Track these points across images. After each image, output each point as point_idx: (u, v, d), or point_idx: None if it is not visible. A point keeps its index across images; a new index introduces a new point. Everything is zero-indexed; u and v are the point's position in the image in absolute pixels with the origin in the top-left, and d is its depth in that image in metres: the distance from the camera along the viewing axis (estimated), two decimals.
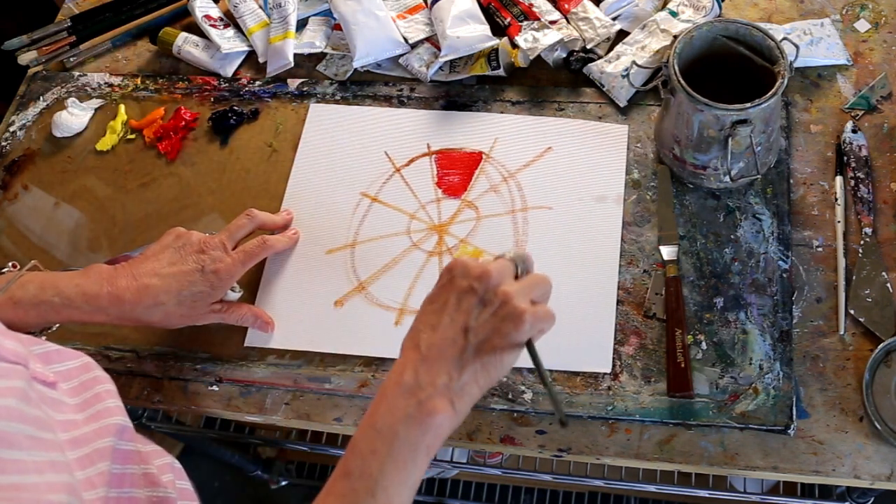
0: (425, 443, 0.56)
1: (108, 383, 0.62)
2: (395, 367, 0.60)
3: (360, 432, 0.58)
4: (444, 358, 0.58)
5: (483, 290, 0.59)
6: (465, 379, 0.58)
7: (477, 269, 0.60)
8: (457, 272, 0.61)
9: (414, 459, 0.56)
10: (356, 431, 0.58)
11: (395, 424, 0.56)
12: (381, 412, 0.57)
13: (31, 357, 0.54)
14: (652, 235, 0.83)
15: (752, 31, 0.77)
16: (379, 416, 0.57)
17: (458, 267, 0.61)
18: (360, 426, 0.58)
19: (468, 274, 0.60)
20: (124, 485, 0.57)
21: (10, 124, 1.01)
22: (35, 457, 0.46)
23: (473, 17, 0.94)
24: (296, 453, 1.48)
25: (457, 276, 0.61)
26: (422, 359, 0.58)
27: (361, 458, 0.56)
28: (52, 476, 0.47)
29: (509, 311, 0.59)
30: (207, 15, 1.02)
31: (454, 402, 0.57)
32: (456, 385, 0.57)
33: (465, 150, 0.91)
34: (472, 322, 0.59)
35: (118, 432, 0.58)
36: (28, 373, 0.52)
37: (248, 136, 0.96)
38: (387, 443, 0.56)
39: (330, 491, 0.56)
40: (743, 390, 0.74)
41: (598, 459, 0.74)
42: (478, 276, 0.60)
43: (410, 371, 0.58)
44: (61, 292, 0.72)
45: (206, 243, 0.77)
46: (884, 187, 0.83)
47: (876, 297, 0.76)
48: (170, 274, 0.75)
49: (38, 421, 0.49)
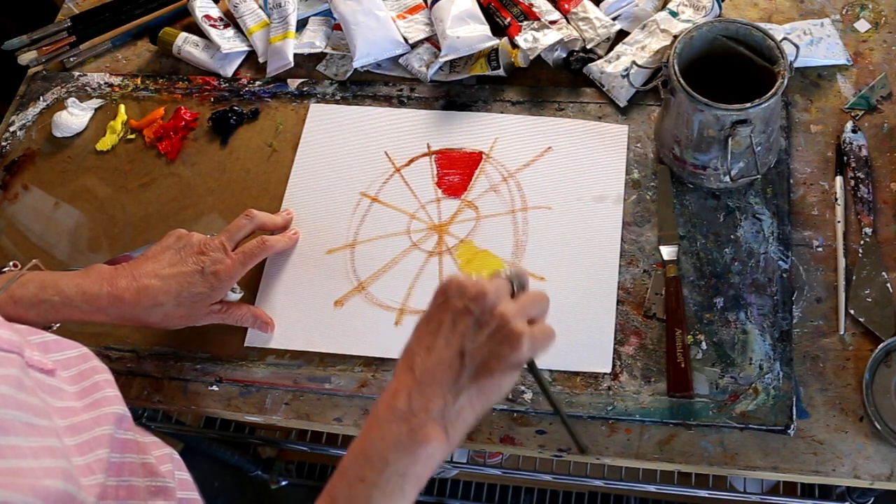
0: (415, 472, 0.55)
1: (107, 373, 0.63)
2: (388, 389, 0.58)
3: (350, 457, 0.56)
4: (438, 382, 0.56)
5: (479, 312, 0.57)
6: (461, 403, 0.56)
7: (472, 289, 0.58)
8: (452, 292, 0.58)
9: (402, 488, 0.54)
10: (345, 455, 0.57)
11: (386, 452, 0.55)
12: (372, 438, 0.56)
13: (27, 345, 0.54)
14: (652, 235, 0.83)
15: (752, 31, 0.77)
16: (370, 442, 0.56)
17: (453, 287, 0.58)
18: (349, 450, 0.57)
19: (463, 294, 0.58)
20: (123, 473, 0.57)
21: (10, 124, 1.01)
22: (31, 443, 0.46)
23: (473, 17, 0.94)
24: (296, 453, 1.48)
25: (452, 296, 0.58)
26: (416, 383, 0.56)
27: (349, 485, 0.55)
28: (49, 461, 0.47)
29: (507, 334, 0.56)
30: (207, 15, 1.02)
31: (448, 430, 0.55)
32: (451, 410, 0.56)
33: (465, 150, 0.91)
34: (469, 345, 0.57)
35: (117, 421, 0.58)
36: (23, 361, 0.52)
37: (248, 136, 0.96)
38: (376, 471, 0.54)
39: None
40: (743, 390, 0.74)
41: (598, 459, 0.74)
42: (473, 296, 0.57)
43: (404, 396, 0.56)
44: (61, 292, 0.72)
45: (207, 245, 0.77)
46: (884, 187, 0.83)
47: (876, 297, 0.76)
48: (170, 275, 0.75)
49: (34, 408, 0.49)
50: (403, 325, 0.81)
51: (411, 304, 0.82)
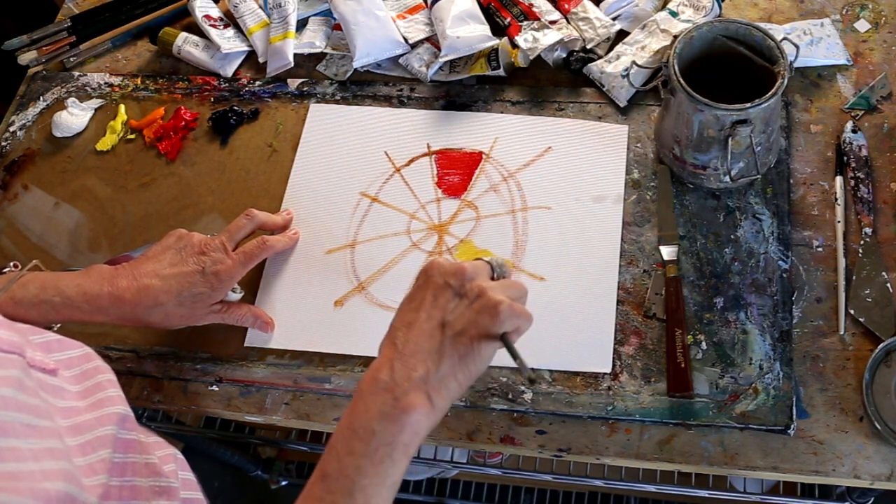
0: (402, 440, 0.56)
1: (109, 373, 0.63)
2: (371, 365, 0.60)
3: (337, 433, 0.58)
4: (420, 351, 0.58)
5: (458, 285, 0.61)
6: (444, 371, 0.58)
7: (452, 266, 0.62)
8: (433, 272, 0.62)
9: (391, 456, 0.56)
10: (334, 432, 0.58)
11: (371, 422, 0.56)
12: (358, 411, 0.57)
13: (28, 346, 0.54)
14: (652, 235, 0.83)
15: (752, 31, 0.77)
16: (355, 415, 0.57)
17: (434, 267, 0.62)
18: (337, 427, 0.58)
19: (444, 272, 0.61)
20: (126, 473, 0.57)
21: (10, 124, 1.01)
22: (32, 445, 0.46)
23: (473, 17, 0.94)
24: (296, 453, 1.48)
25: (433, 275, 0.62)
26: (398, 355, 0.58)
27: (338, 458, 0.56)
28: (50, 463, 0.47)
29: (485, 303, 0.59)
30: (207, 15, 1.02)
31: (431, 396, 0.57)
32: (433, 378, 0.58)
33: (465, 150, 0.91)
34: (449, 316, 0.60)
35: (120, 421, 0.58)
36: (24, 362, 0.52)
37: (248, 136, 0.96)
38: (363, 442, 0.56)
39: (308, 495, 0.56)
40: (743, 390, 0.74)
41: (598, 459, 0.74)
42: (453, 272, 0.61)
43: (386, 369, 0.58)
44: (62, 292, 0.72)
45: (207, 245, 0.77)
46: (884, 187, 0.83)
47: (876, 297, 0.76)
48: (170, 275, 0.75)
49: (35, 409, 0.49)
50: None
51: None
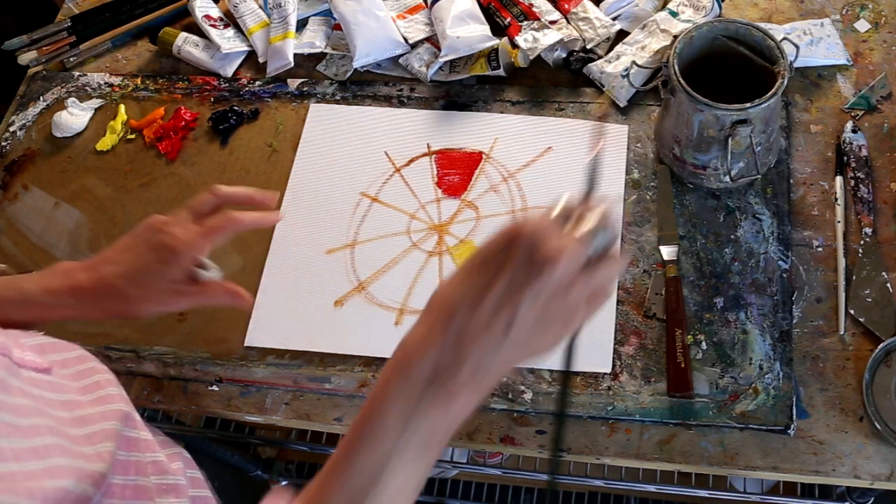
0: (444, 427, 0.50)
1: (108, 373, 0.62)
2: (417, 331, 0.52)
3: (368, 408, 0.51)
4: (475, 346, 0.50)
5: (542, 286, 0.50)
6: (491, 368, 0.51)
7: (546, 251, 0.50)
8: (523, 245, 0.50)
9: (429, 445, 0.50)
10: (363, 405, 0.52)
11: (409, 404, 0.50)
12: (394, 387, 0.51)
13: (17, 346, 0.54)
14: (652, 235, 0.83)
15: (752, 31, 0.77)
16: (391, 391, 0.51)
17: (526, 239, 0.51)
18: (369, 398, 0.52)
19: (533, 255, 0.50)
20: (129, 472, 0.57)
21: (10, 124, 1.01)
22: (14, 444, 0.46)
23: (473, 17, 0.94)
24: (296, 453, 1.48)
25: (521, 250, 0.50)
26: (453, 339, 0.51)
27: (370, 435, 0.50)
28: (34, 464, 0.46)
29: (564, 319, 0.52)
30: (207, 15, 1.02)
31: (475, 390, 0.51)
32: (480, 374, 0.50)
33: (465, 150, 0.91)
34: (519, 319, 0.50)
35: (122, 418, 0.58)
36: (9, 362, 0.51)
37: (248, 136, 0.96)
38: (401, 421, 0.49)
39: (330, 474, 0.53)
40: (743, 390, 0.74)
41: (598, 459, 0.74)
42: (543, 260, 0.50)
43: (436, 349, 0.51)
44: (21, 289, 0.70)
45: (165, 222, 0.71)
46: (884, 187, 0.83)
47: (876, 297, 0.76)
48: (123, 259, 0.70)
49: (19, 409, 0.49)
50: (403, 325, 0.81)
51: (411, 304, 0.82)
